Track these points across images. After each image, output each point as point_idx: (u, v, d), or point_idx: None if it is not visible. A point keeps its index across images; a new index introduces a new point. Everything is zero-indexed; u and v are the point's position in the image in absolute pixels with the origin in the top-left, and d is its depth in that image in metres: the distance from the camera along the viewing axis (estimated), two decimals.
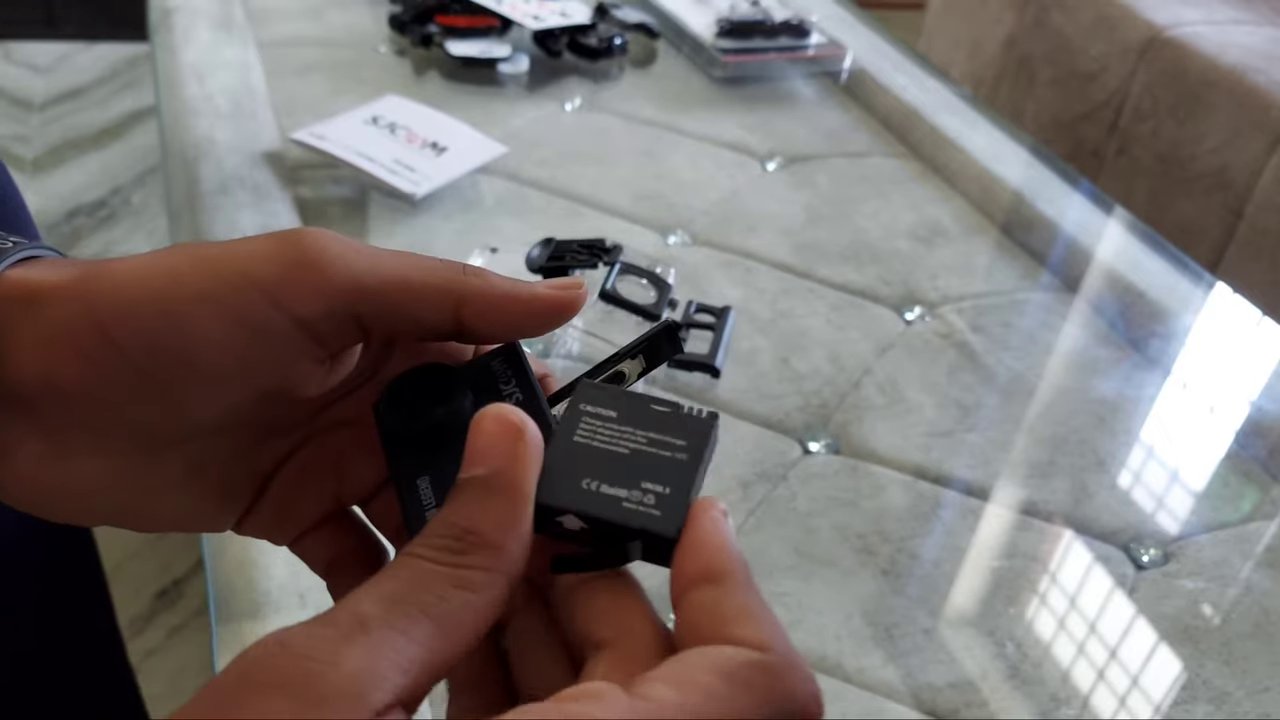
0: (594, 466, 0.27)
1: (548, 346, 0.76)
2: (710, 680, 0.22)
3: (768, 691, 0.23)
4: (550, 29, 1.16)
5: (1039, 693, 0.58)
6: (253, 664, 0.22)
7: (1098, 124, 1.79)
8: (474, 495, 0.25)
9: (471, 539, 0.24)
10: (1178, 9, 1.77)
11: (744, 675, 0.22)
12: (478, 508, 0.25)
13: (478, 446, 0.25)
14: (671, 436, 0.28)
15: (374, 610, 0.23)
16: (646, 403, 0.29)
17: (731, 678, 0.22)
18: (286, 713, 0.21)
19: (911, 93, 1.18)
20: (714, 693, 0.22)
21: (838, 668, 0.58)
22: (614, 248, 0.76)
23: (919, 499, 0.69)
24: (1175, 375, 0.83)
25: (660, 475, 0.27)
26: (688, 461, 0.27)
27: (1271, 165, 1.53)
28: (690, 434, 0.28)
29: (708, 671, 0.22)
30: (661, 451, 0.28)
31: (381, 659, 0.22)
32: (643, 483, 0.27)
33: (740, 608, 0.24)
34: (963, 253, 0.94)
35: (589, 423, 0.28)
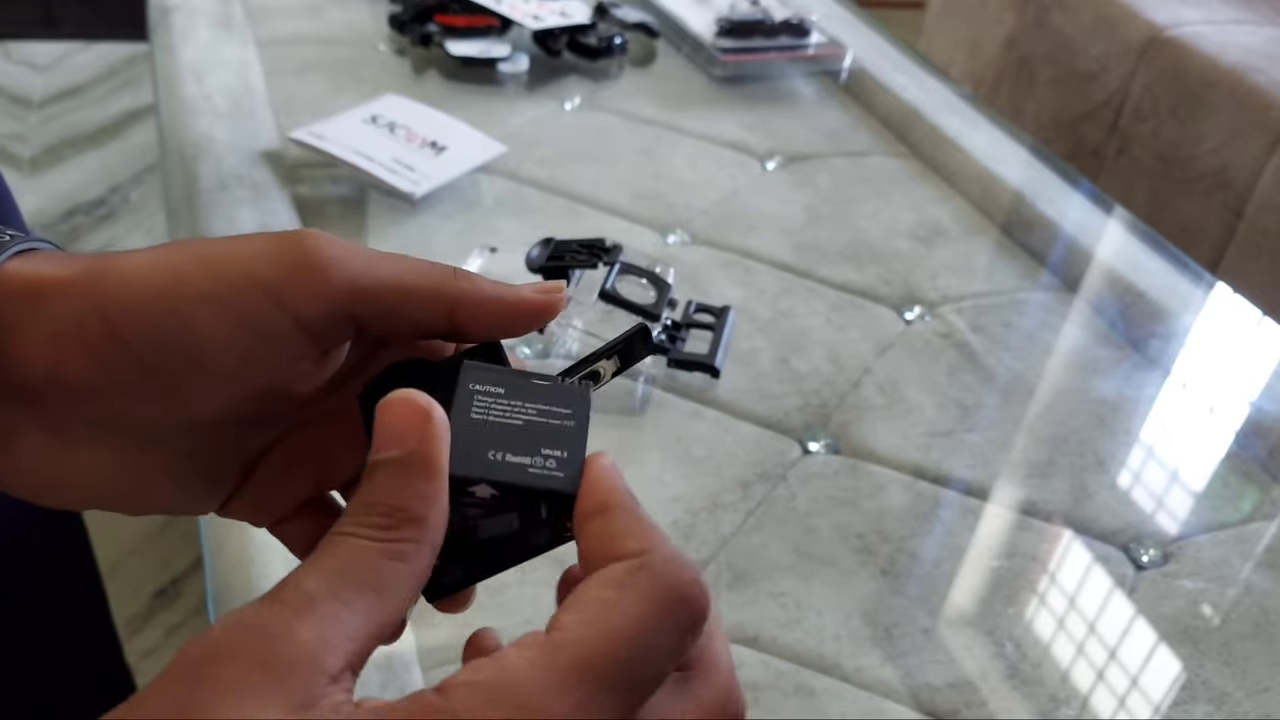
0: (495, 439, 0.29)
1: (547, 346, 0.76)
2: (601, 593, 0.25)
3: (650, 588, 0.25)
4: (550, 28, 1.15)
5: (1038, 693, 0.58)
6: (213, 643, 0.23)
7: (1098, 124, 1.79)
8: (394, 474, 0.27)
9: (400, 515, 0.26)
10: (1178, 9, 1.77)
11: (629, 580, 0.25)
12: (400, 485, 0.27)
13: (389, 429, 0.27)
14: (556, 406, 0.31)
15: (319, 586, 0.25)
16: (528, 378, 0.32)
17: (619, 585, 0.25)
18: (255, 682, 0.22)
19: (911, 92, 1.18)
20: (606, 601, 0.25)
21: (836, 667, 0.58)
22: (613, 247, 0.76)
23: (918, 499, 0.69)
24: (1175, 375, 0.83)
25: (555, 442, 0.30)
26: (575, 427, 0.30)
27: (1271, 165, 1.53)
28: (572, 403, 0.31)
29: (598, 587, 0.25)
30: (551, 421, 0.30)
31: (331, 629, 0.24)
32: (541, 450, 0.29)
33: (623, 528, 0.27)
34: (963, 252, 0.94)
35: (481, 400, 0.31)
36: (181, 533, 1.43)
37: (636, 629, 0.25)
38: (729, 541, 0.64)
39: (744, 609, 0.60)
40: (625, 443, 0.71)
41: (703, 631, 0.26)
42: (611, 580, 0.25)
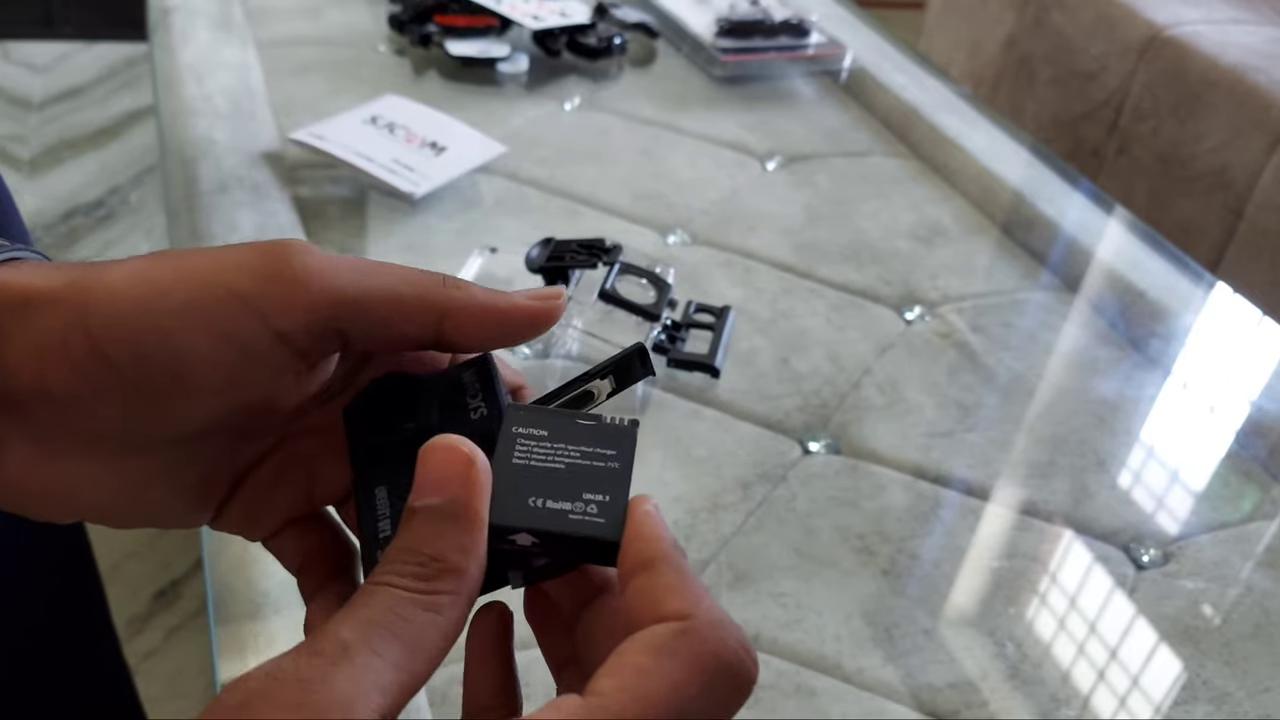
0: (536, 484, 0.29)
1: (547, 347, 0.76)
2: (641, 659, 0.24)
3: (692, 654, 0.25)
4: (549, 28, 1.15)
5: (1039, 693, 0.58)
6: (251, 691, 0.23)
7: (1098, 123, 1.79)
8: (433, 522, 0.27)
9: (436, 565, 0.26)
10: (1178, 8, 1.77)
11: (670, 645, 0.25)
12: (438, 534, 0.26)
13: (431, 475, 0.27)
14: (600, 448, 0.30)
15: (354, 636, 0.24)
16: (572, 419, 0.31)
17: (659, 651, 0.25)
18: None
19: (911, 92, 1.18)
20: (644, 669, 0.24)
21: (837, 668, 0.58)
22: (613, 247, 0.76)
23: (919, 499, 0.69)
24: (1175, 375, 0.83)
25: (597, 485, 0.29)
26: (619, 469, 0.30)
27: (1271, 165, 1.53)
28: (616, 443, 0.31)
29: (638, 653, 0.25)
30: (595, 463, 0.30)
31: (365, 680, 0.24)
32: (583, 494, 0.29)
33: (667, 586, 0.26)
34: (963, 252, 0.94)
35: (524, 444, 0.30)
36: (181, 534, 1.43)
37: (675, 697, 0.24)
38: (729, 542, 0.64)
39: (744, 609, 0.60)
40: None
41: (749, 692, 0.26)
42: (652, 645, 0.25)
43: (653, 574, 0.27)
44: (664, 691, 0.24)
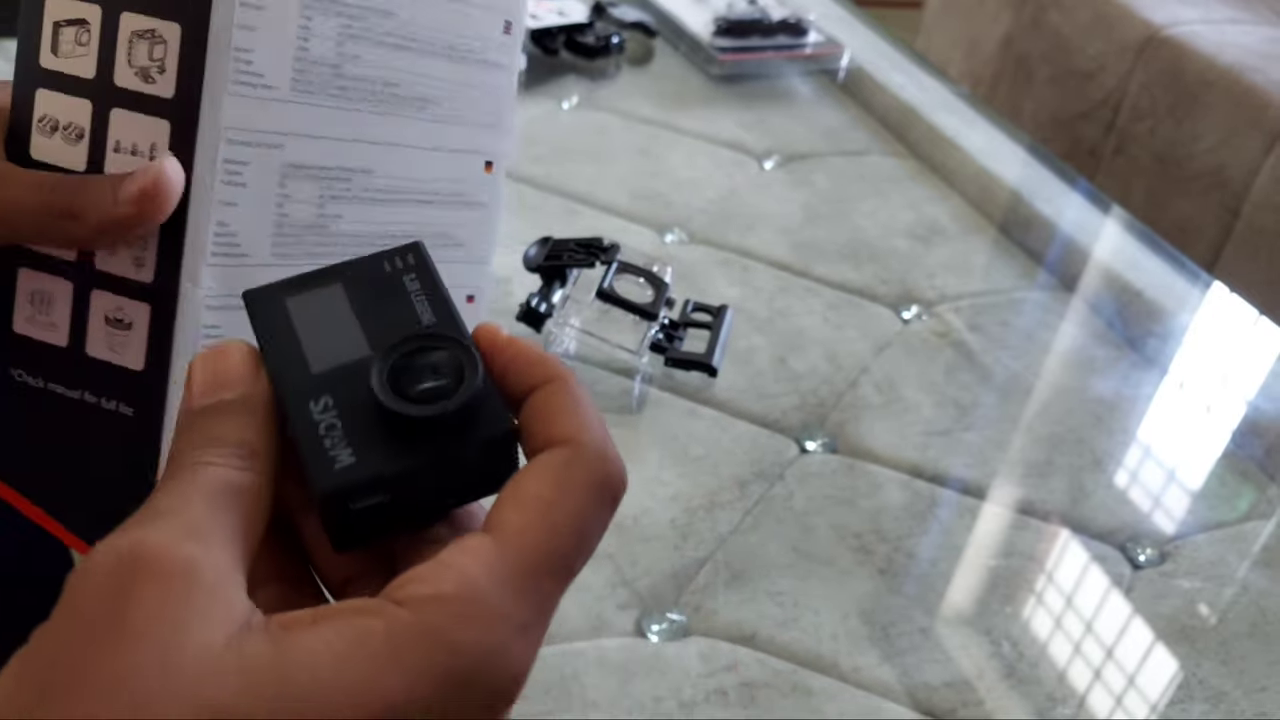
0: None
1: (545, 346, 0.76)
2: (543, 490, 0.26)
3: (586, 478, 0.26)
4: (547, 27, 1.15)
5: (1035, 692, 0.58)
6: (124, 566, 0.23)
7: (1095, 123, 1.79)
8: (236, 413, 0.27)
9: (248, 448, 0.27)
10: (1175, 8, 1.77)
11: (567, 473, 0.26)
12: (245, 424, 0.27)
13: (230, 373, 0.28)
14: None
15: (204, 514, 0.25)
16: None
17: (558, 480, 0.26)
18: (196, 604, 0.22)
19: (909, 91, 1.18)
20: (547, 499, 0.25)
21: (834, 667, 0.58)
22: (611, 246, 0.76)
23: (916, 498, 0.69)
24: (1172, 374, 0.83)
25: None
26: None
27: (1268, 164, 1.53)
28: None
29: (539, 483, 0.26)
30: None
31: (230, 559, 0.24)
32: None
33: (559, 408, 0.27)
34: (960, 252, 0.94)
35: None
36: None
37: (577, 520, 0.25)
38: (726, 540, 0.64)
39: (741, 608, 0.60)
40: (623, 441, 0.71)
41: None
42: (551, 474, 0.26)
43: (543, 396, 0.27)
44: (568, 517, 0.25)
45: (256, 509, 0.26)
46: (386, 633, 0.23)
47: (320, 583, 0.30)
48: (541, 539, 0.25)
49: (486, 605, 0.23)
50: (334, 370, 0.27)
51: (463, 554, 0.24)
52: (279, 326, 0.28)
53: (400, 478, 0.26)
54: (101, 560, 0.23)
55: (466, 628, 0.23)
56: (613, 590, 0.60)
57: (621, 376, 0.75)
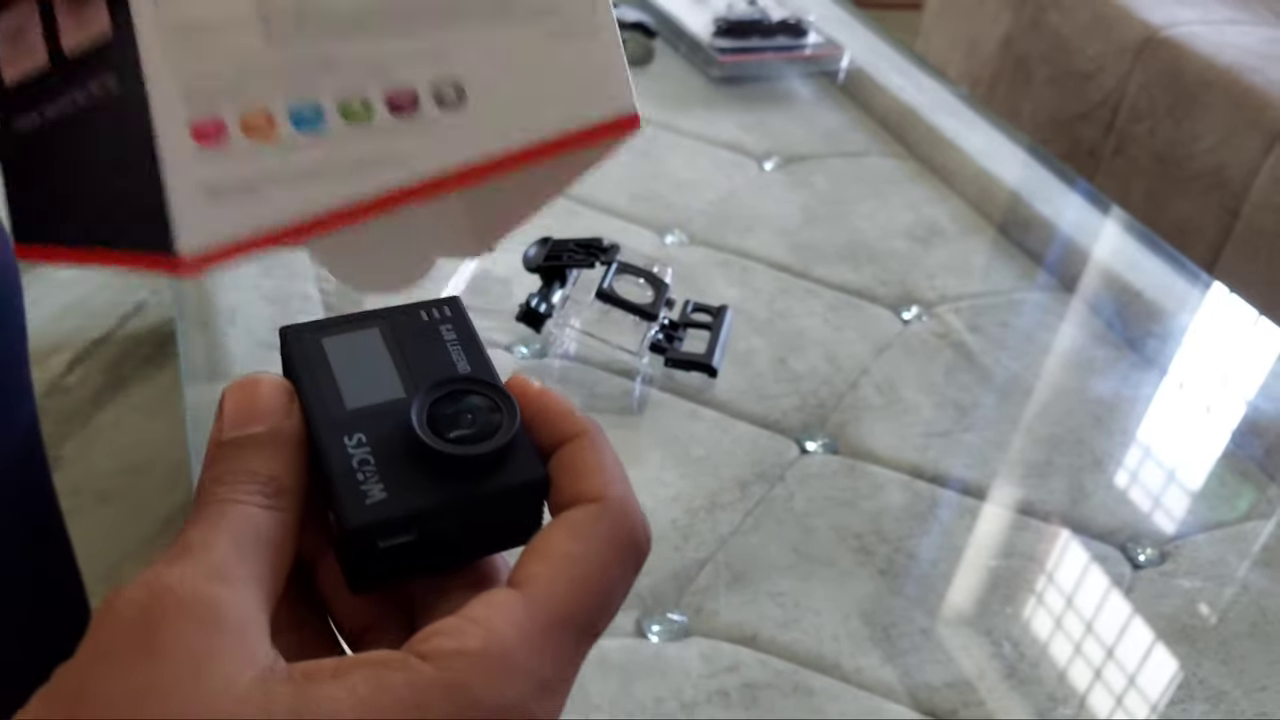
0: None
1: (545, 347, 0.76)
2: (568, 544, 0.26)
3: (611, 535, 0.26)
4: None
5: (1036, 692, 0.58)
6: (151, 606, 0.23)
7: (1095, 124, 1.79)
8: (265, 446, 0.27)
9: (275, 484, 0.26)
10: (1174, 9, 1.77)
11: (592, 529, 0.26)
12: (271, 456, 0.27)
13: (259, 405, 0.27)
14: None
15: (229, 556, 0.24)
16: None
17: (584, 535, 0.26)
18: (216, 646, 0.22)
19: (909, 92, 1.18)
20: (573, 554, 0.25)
21: (835, 667, 0.58)
22: (611, 247, 0.76)
23: (916, 499, 0.69)
24: (1172, 375, 0.83)
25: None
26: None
27: (1268, 165, 1.53)
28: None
29: (565, 538, 0.26)
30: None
31: (252, 602, 0.24)
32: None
33: (585, 464, 0.27)
34: (960, 252, 0.94)
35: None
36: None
37: (602, 578, 0.25)
38: (727, 541, 0.64)
39: (742, 609, 0.60)
40: (623, 442, 0.71)
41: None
42: (577, 529, 0.26)
43: (570, 450, 0.27)
44: (593, 574, 0.25)
45: (282, 549, 0.26)
46: (410, 686, 0.22)
47: (336, 631, 0.30)
48: (568, 595, 0.25)
49: (511, 662, 0.23)
50: (369, 408, 0.27)
51: (489, 609, 0.24)
52: (314, 363, 0.28)
53: (431, 516, 0.26)
54: (129, 596, 0.23)
55: (491, 685, 0.23)
56: None
57: (622, 377, 0.75)
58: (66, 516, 0.75)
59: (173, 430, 1.55)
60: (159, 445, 1.54)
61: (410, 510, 0.26)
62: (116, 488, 1.48)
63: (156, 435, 1.55)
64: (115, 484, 1.48)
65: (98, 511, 1.44)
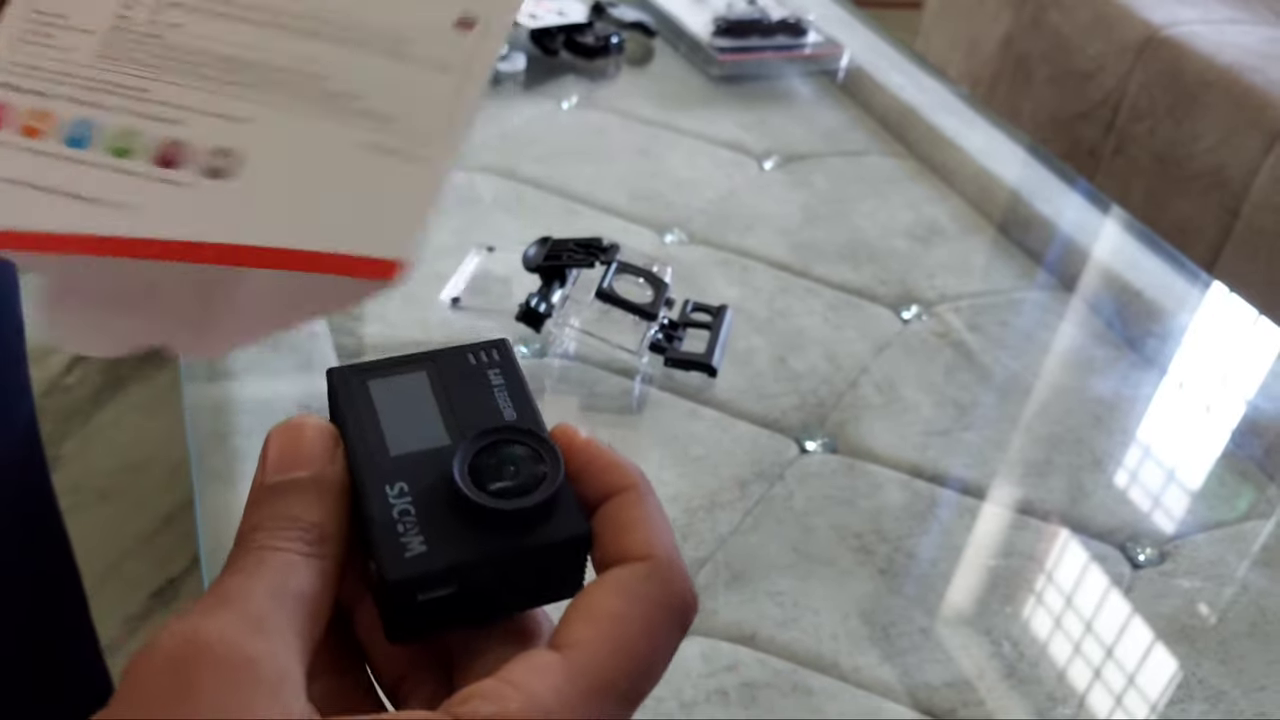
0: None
1: (545, 346, 0.76)
2: (615, 604, 0.25)
3: (660, 596, 0.25)
4: (547, 27, 1.15)
5: (1035, 692, 0.58)
6: (187, 655, 0.22)
7: (1095, 123, 1.79)
8: (307, 492, 0.26)
9: (317, 531, 0.26)
10: (1174, 8, 1.77)
11: (640, 589, 0.25)
12: (314, 502, 0.26)
13: (302, 450, 0.27)
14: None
15: (267, 606, 0.24)
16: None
17: (631, 595, 0.25)
18: (249, 698, 0.22)
19: (909, 92, 1.18)
20: (620, 615, 0.25)
21: (834, 666, 0.58)
22: (611, 246, 0.76)
23: (916, 498, 0.69)
24: (1172, 374, 0.83)
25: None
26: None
27: (1268, 164, 1.53)
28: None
29: (612, 597, 0.25)
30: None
31: (292, 652, 0.24)
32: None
33: (631, 520, 0.27)
34: (960, 252, 0.94)
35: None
36: (179, 533, 1.43)
37: (648, 642, 0.25)
38: (726, 541, 0.64)
39: (741, 608, 0.60)
40: (623, 442, 0.71)
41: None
42: (624, 589, 0.25)
43: (617, 504, 0.27)
44: (639, 637, 0.25)
45: (321, 598, 0.25)
46: None
47: (374, 677, 0.29)
48: (611, 661, 0.24)
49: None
50: (412, 455, 0.27)
51: (529, 672, 0.24)
52: (359, 406, 0.28)
53: (470, 569, 0.26)
54: (165, 646, 0.23)
55: None
56: None
57: (621, 377, 0.75)
58: (66, 515, 0.75)
59: (172, 429, 1.55)
60: (158, 444, 1.54)
61: (450, 564, 0.25)
62: (116, 486, 1.48)
63: (155, 434, 1.55)
64: (114, 482, 1.48)
65: (97, 510, 1.44)
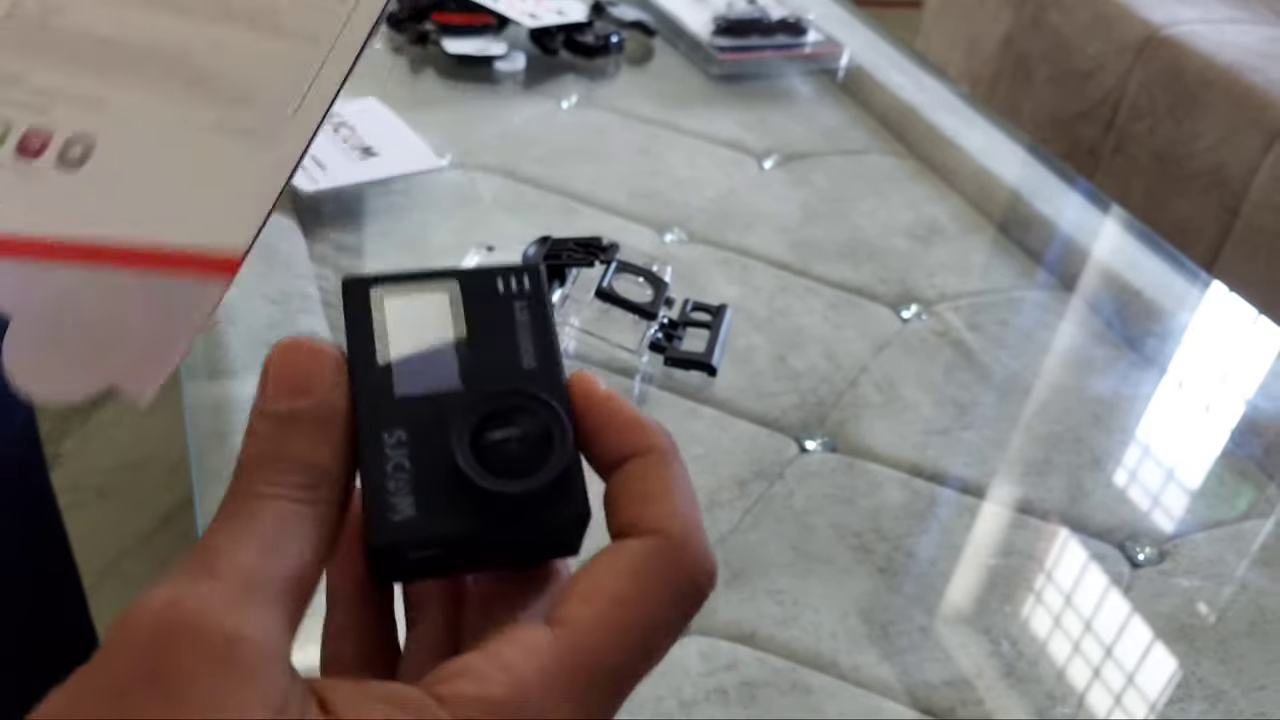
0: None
1: None
2: (619, 584, 0.24)
3: (669, 574, 0.24)
4: (547, 26, 1.15)
5: (1035, 691, 0.58)
6: (161, 630, 0.21)
7: (1095, 122, 1.79)
8: (308, 427, 0.25)
9: (317, 472, 0.24)
10: (1174, 7, 1.77)
11: (648, 566, 0.24)
12: (318, 439, 0.25)
13: (297, 377, 0.25)
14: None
15: (255, 562, 0.23)
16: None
17: (637, 573, 0.24)
18: (226, 683, 0.21)
19: (909, 91, 1.18)
20: (623, 596, 0.23)
21: (833, 665, 0.58)
22: (610, 246, 0.76)
23: (915, 497, 0.69)
24: (1171, 374, 0.83)
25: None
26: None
27: (1267, 164, 1.53)
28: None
29: (616, 576, 0.24)
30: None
31: (278, 620, 0.22)
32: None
33: (647, 490, 0.25)
34: (959, 251, 0.94)
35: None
36: (178, 532, 1.43)
37: (650, 624, 0.24)
38: (726, 539, 0.64)
39: (741, 607, 0.60)
40: None
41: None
42: (627, 568, 0.24)
43: (635, 468, 0.25)
44: (641, 620, 0.23)
45: (319, 548, 0.24)
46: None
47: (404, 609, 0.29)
48: (608, 643, 0.23)
49: (534, 713, 0.22)
50: (418, 399, 0.25)
51: (517, 650, 0.23)
52: (372, 330, 0.26)
53: (457, 540, 0.25)
54: (147, 615, 0.22)
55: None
56: None
57: (621, 376, 0.75)
58: (65, 513, 0.75)
59: (171, 427, 1.55)
60: (158, 442, 1.54)
61: (437, 535, 0.24)
62: (115, 484, 1.48)
63: (155, 432, 1.55)
64: (114, 480, 1.48)
65: (96, 508, 1.44)
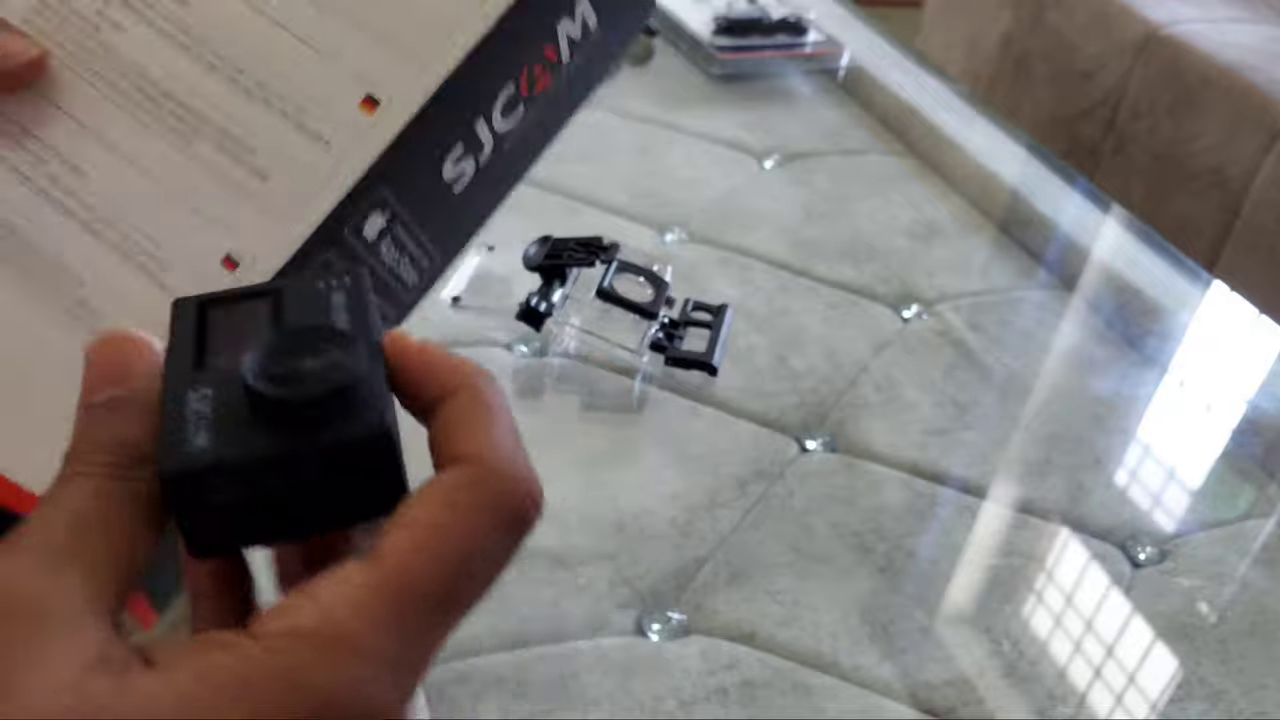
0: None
1: (545, 345, 0.76)
2: (434, 513, 0.24)
3: (486, 502, 0.24)
4: None
5: (1035, 690, 0.58)
6: None
7: (1095, 122, 1.79)
8: (122, 411, 0.25)
9: (130, 453, 0.25)
10: (1175, 7, 1.77)
11: (463, 496, 0.24)
12: (129, 422, 0.25)
13: (112, 368, 0.26)
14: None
15: (68, 540, 0.23)
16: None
17: (453, 503, 0.24)
18: (47, 642, 0.21)
19: (909, 90, 1.18)
20: (440, 525, 0.24)
21: (834, 665, 0.58)
22: (611, 245, 0.76)
23: (916, 497, 0.69)
24: (1172, 373, 0.83)
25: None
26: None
27: (1268, 163, 1.53)
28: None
29: (432, 505, 0.24)
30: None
31: (91, 585, 0.23)
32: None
33: (460, 421, 0.25)
34: (960, 251, 0.94)
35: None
36: None
37: (468, 549, 0.24)
38: (726, 539, 0.64)
39: (741, 607, 0.60)
40: (623, 441, 0.71)
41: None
42: (442, 496, 0.24)
43: (451, 406, 0.25)
44: (459, 545, 0.23)
45: (137, 520, 0.24)
46: (234, 671, 0.21)
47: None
48: (424, 569, 0.23)
49: (345, 642, 0.22)
50: (227, 369, 0.25)
51: (330, 584, 0.23)
52: (191, 328, 0.27)
53: (256, 469, 0.24)
54: None
55: (320, 666, 0.22)
56: (613, 589, 0.60)
57: (621, 376, 0.75)
58: None
59: None
60: None
61: (229, 459, 0.23)
62: None
63: None
64: None
65: None
